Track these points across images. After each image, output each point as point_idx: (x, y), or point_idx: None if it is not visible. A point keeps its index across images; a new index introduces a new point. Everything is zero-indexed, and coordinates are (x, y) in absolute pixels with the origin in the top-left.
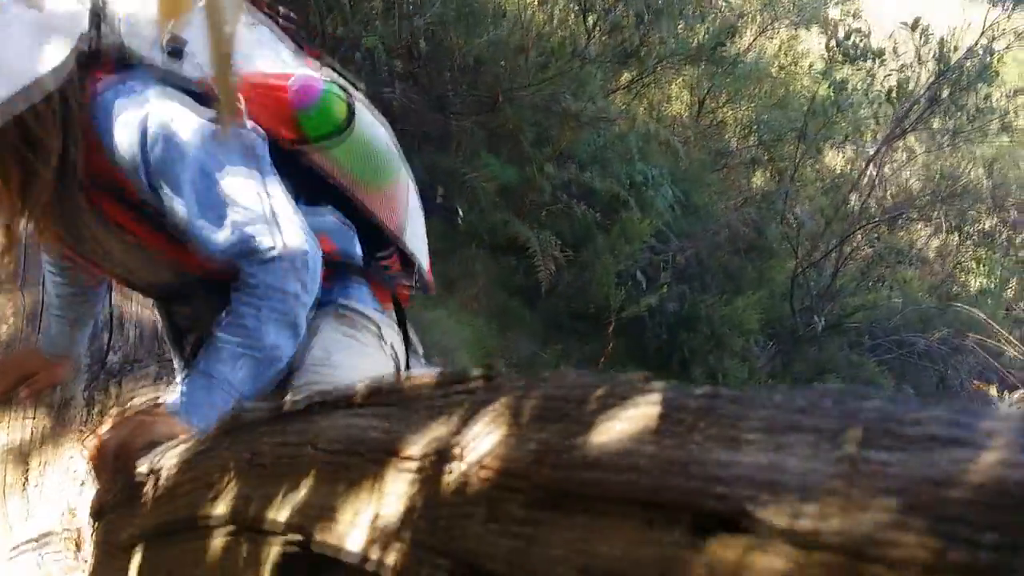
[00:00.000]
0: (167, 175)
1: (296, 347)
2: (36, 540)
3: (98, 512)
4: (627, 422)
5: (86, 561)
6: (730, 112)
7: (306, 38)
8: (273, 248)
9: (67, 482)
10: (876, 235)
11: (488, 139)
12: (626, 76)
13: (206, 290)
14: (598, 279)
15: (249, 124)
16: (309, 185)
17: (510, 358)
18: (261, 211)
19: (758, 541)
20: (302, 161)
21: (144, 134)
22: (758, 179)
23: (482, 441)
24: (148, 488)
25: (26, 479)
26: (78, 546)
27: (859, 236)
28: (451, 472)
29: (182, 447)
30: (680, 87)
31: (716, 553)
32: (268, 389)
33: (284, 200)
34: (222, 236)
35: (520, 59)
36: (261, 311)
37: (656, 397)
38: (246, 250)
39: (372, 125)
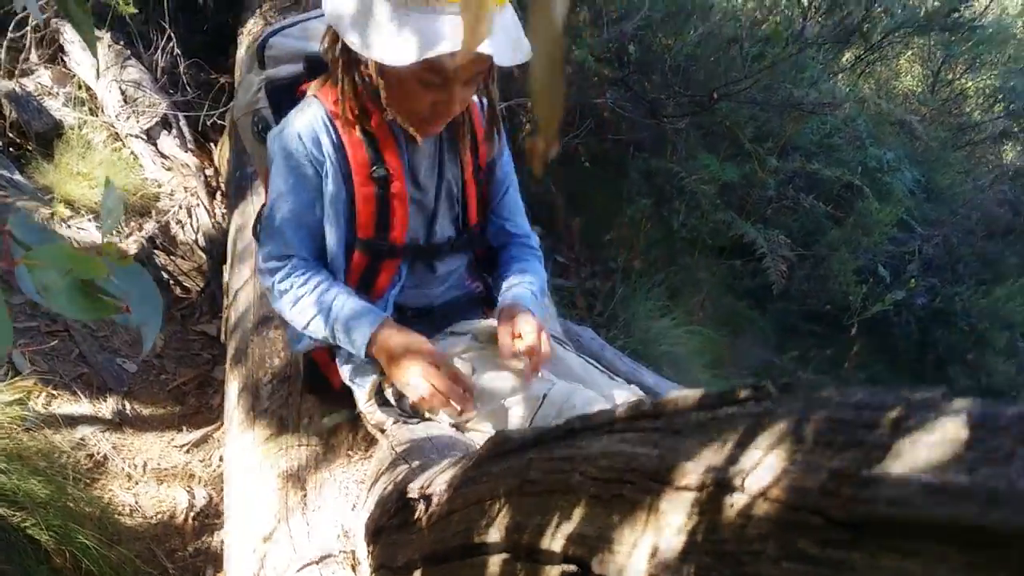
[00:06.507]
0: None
1: None
2: (317, 561)
3: (375, 534)
4: (932, 448)
5: None
6: (970, 82)
7: None
8: None
9: (340, 504)
10: None
11: (704, 139)
12: (848, 55)
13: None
14: (834, 276)
15: None
16: None
17: (742, 366)
18: None
19: None
20: None
21: None
22: (1009, 153)
23: (764, 469)
24: (420, 512)
25: (305, 502)
26: (353, 568)
27: None
28: (732, 504)
29: (450, 472)
30: (910, 60)
31: None
32: None
33: None
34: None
35: (733, 52)
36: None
37: (962, 418)
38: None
39: None
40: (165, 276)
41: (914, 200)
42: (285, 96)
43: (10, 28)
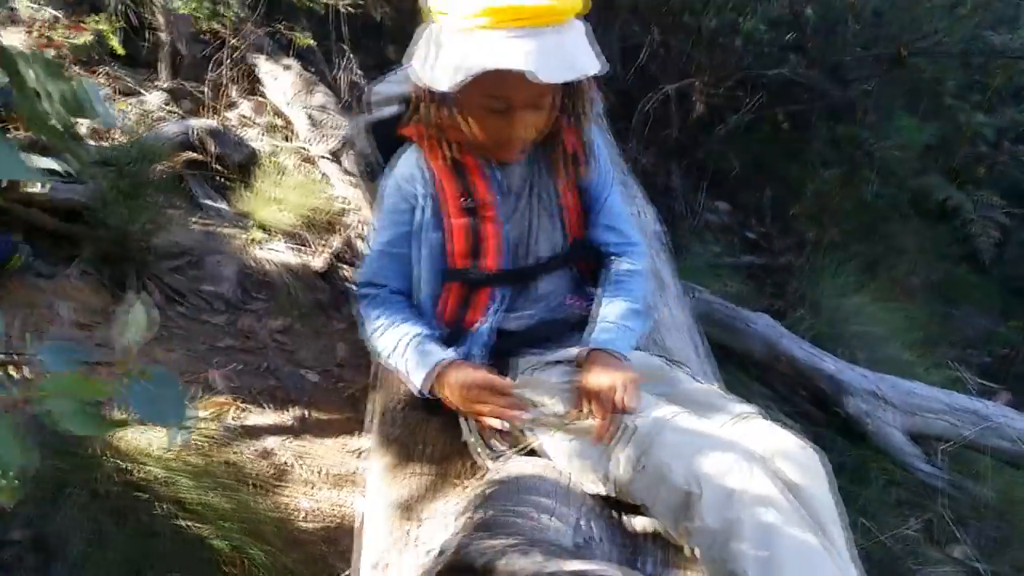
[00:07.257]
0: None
1: None
2: None
3: None
4: None
5: None
6: None
7: None
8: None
9: (443, 537)
10: None
11: (899, 99)
12: None
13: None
14: None
15: None
16: None
17: (956, 340)
18: None
19: None
20: None
21: None
22: None
23: None
24: None
25: (413, 534)
26: None
27: None
28: None
29: None
30: None
31: None
32: None
33: None
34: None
35: (925, 2)
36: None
37: None
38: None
39: None
40: (351, 287)
41: None
42: (385, 135)
43: (210, 68)
